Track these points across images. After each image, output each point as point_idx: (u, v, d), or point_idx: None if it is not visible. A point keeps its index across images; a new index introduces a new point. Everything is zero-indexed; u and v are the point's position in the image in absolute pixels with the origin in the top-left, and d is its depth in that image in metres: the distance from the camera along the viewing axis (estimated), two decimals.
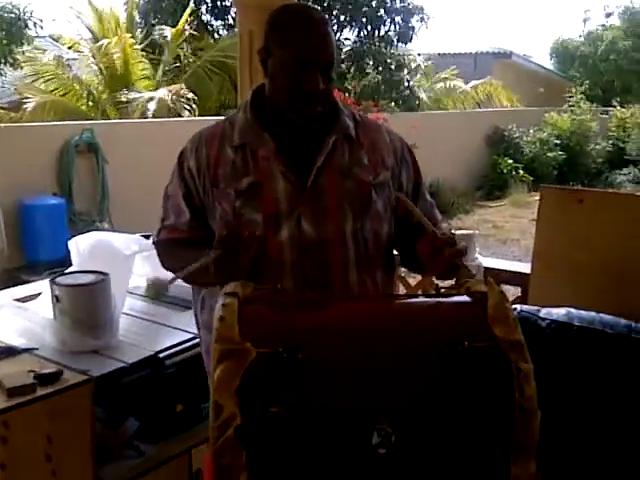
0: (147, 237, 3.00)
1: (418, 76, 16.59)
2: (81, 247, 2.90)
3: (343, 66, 14.10)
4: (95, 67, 12.09)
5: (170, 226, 2.15)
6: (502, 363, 1.44)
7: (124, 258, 2.82)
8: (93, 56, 12.16)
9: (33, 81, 11.83)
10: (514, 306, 2.43)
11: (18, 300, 3.06)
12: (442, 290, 1.70)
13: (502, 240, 10.61)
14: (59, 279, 2.61)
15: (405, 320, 1.59)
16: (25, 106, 10.98)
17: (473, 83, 17.50)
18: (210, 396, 1.39)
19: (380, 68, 14.83)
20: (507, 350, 1.45)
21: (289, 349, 1.41)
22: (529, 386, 1.42)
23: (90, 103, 11.88)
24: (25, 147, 7.90)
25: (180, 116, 10.74)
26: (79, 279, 2.60)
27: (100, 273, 2.62)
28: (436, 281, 1.80)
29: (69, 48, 13.32)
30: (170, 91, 11.00)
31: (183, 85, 11.42)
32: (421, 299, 1.74)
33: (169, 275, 1.96)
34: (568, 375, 2.51)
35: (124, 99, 11.21)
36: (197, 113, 11.23)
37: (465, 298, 1.62)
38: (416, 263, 2.00)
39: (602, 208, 2.98)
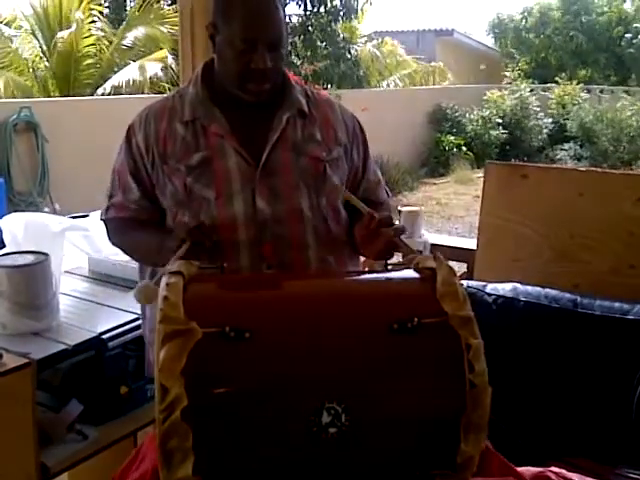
0: (84, 217, 2.94)
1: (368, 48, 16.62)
2: (11, 227, 2.82)
3: (290, 41, 14.02)
4: (37, 43, 11.84)
5: (118, 204, 2.11)
6: (452, 339, 1.43)
7: (54, 236, 2.75)
8: (33, 33, 11.90)
9: None
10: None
11: None
12: (390, 267, 1.69)
13: (446, 217, 10.72)
14: None
15: (354, 297, 1.58)
16: None
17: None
18: (155, 378, 1.35)
19: (326, 43, 14.77)
20: (456, 326, 1.44)
21: (236, 328, 1.38)
22: (479, 362, 1.41)
23: (30, 80, 11.63)
24: None
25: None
26: (18, 260, 2.52)
27: (40, 253, 2.55)
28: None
29: (6, 25, 12.94)
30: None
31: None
32: (370, 275, 1.72)
33: (113, 253, 1.92)
34: (515, 350, 2.53)
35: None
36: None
37: (414, 274, 1.61)
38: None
39: (546, 183, 3.00)
